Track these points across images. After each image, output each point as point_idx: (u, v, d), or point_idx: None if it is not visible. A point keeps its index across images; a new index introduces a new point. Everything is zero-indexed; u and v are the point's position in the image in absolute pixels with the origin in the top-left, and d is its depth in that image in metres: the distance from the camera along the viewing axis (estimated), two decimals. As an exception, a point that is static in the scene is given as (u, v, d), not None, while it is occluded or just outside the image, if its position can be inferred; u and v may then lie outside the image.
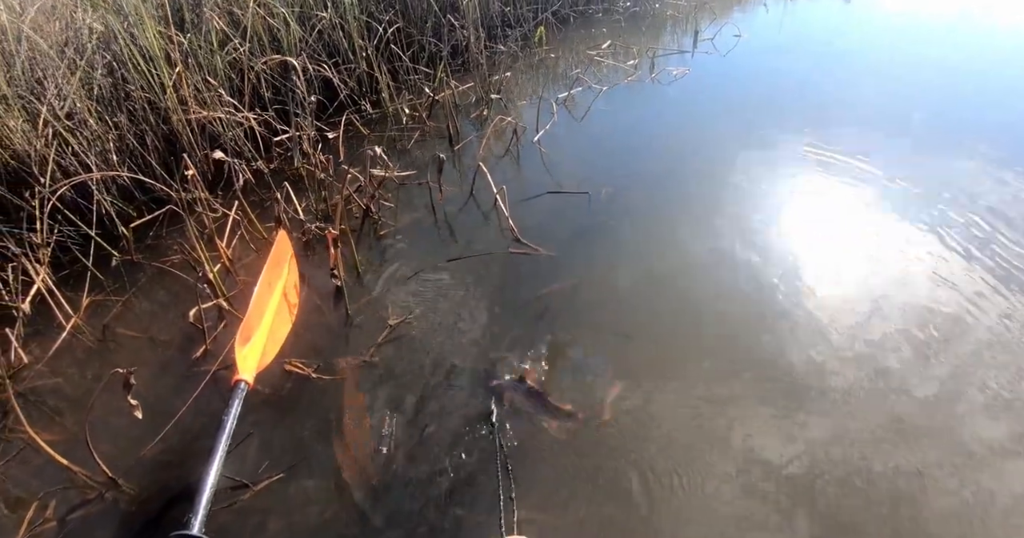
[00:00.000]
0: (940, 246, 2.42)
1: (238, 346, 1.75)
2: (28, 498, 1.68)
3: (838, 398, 1.83)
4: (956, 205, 2.66)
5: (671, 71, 4.36)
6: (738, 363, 1.95)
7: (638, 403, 1.83)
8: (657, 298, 2.26)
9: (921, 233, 2.50)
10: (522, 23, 5.22)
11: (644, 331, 2.10)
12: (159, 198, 2.85)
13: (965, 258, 2.34)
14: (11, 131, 2.62)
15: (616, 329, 2.11)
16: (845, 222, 2.61)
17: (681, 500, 1.59)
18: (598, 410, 1.80)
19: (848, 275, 2.31)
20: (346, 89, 3.76)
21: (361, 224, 2.73)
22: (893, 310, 2.13)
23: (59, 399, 1.99)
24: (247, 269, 2.48)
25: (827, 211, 2.70)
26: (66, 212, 2.56)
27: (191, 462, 1.74)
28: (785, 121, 3.54)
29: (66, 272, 2.46)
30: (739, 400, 1.84)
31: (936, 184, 2.81)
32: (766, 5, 5.92)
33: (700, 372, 1.94)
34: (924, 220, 2.58)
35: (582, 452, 1.71)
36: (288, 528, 1.60)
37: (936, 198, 2.71)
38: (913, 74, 4.21)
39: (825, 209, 2.71)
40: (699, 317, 2.16)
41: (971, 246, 2.41)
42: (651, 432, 1.75)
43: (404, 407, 1.87)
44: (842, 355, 1.97)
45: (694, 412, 1.80)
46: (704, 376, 1.92)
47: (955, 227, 2.52)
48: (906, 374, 1.91)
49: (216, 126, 3.10)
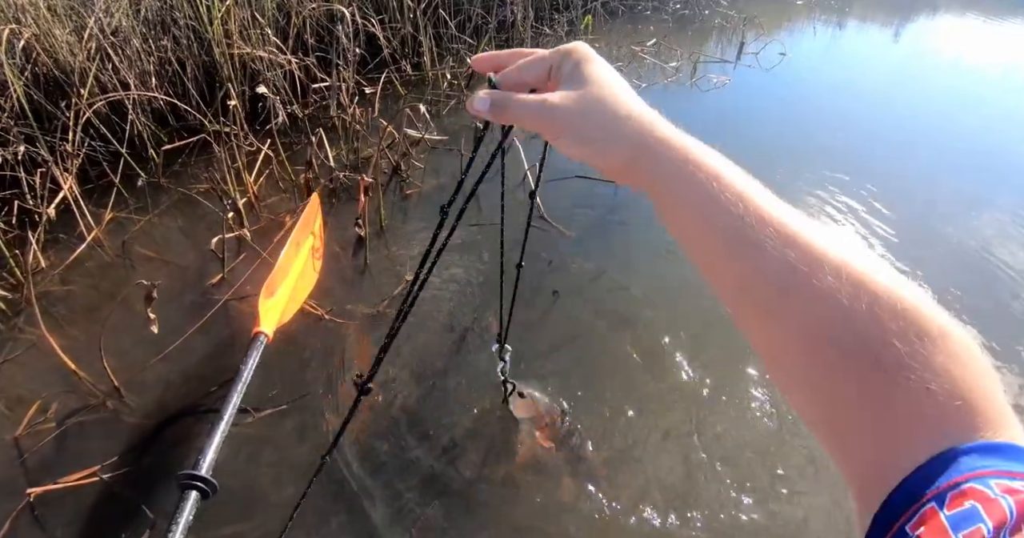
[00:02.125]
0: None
1: (262, 298, 1.75)
2: (30, 398, 1.69)
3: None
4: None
5: (711, 78, 4.35)
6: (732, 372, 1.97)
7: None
8: (663, 302, 2.23)
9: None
10: (571, 8, 5.20)
11: (645, 321, 2.12)
12: (191, 127, 2.85)
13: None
14: (57, 40, 2.61)
15: (620, 318, 2.12)
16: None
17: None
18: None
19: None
20: (389, 47, 3.74)
21: (388, 180, 2.73)
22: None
23: (70, 307, 2.00)
24: (270, 208, 2.49)
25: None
26: (100, 127, 2.57)
27: (194, 384, 1.77)
28: (817, 154, 3.38)
29: (92, 186, 2.47)
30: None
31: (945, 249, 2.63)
32: (815, 29, 5.90)
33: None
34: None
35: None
36: (280, 461, 1.62)
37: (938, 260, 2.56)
38: (956, 123, 4.05)
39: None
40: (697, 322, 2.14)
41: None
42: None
43: (409, 361, 1.88)
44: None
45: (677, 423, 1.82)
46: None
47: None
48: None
49: (257, 65, 3.09)
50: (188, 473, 1.24)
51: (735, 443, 1.71)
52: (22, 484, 1.48)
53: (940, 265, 2.51)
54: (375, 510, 1.50)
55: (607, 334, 2.05)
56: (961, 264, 2.53)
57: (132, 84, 2.70)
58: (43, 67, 2.64)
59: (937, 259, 2.55)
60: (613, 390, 1.84)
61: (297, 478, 1.55)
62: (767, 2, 6.42)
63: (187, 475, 1.24)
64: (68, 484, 1.48)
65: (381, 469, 1.59)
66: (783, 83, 4.51)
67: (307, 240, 2.05)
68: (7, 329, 1.91)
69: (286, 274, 1.87)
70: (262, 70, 3.10)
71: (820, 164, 3.24)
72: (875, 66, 5.30)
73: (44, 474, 1.51)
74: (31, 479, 1.49)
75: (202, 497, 1.24)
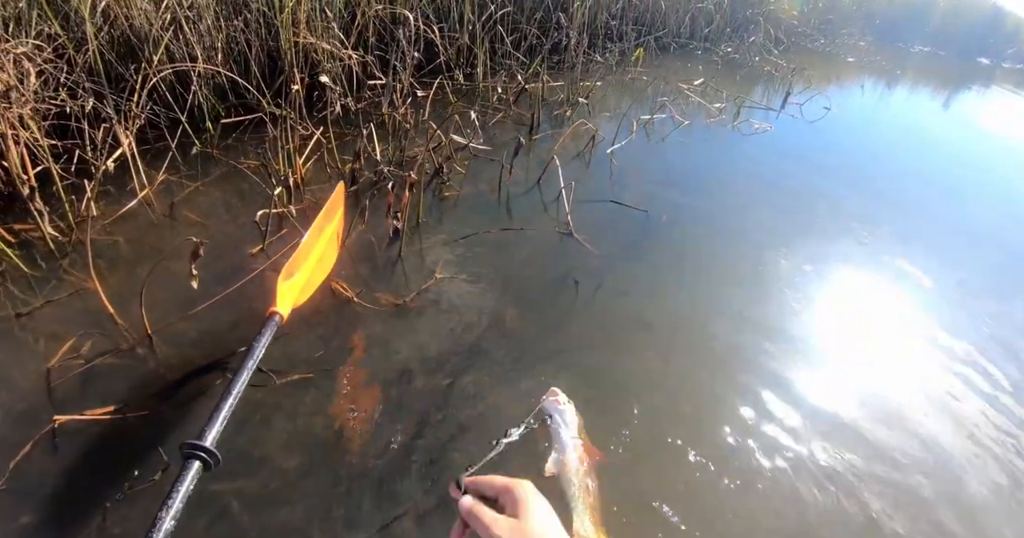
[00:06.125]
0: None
1: (282, 278, 1.79)
2: (66, 334, 1.77)
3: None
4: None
5: (754, 124, 4.42)
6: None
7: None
8: (677, 338, 2.22)
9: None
10: (624, 40, 5.32)
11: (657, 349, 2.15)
12: (249, 105, 2.97)
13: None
14: (136, 7, 2.75)
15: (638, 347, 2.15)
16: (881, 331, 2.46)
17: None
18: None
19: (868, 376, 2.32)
20: (445, 55, 3.87)
21: (430, 181, 2.82)
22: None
23: (113, 257, 2.09)
24: (313, 192, 2.58)
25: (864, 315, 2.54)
26: (165, 93, 2.69)
27: (219, 344, 1.83)
28: (853, 216, 3.34)
29: (148, 148, 2.58)
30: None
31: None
32: (863, 87, 5.96)
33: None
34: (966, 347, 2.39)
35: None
36: (291, 430, 1.67)
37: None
38: (1002, 204, 3.99)
39: (862, 313, 2.55)
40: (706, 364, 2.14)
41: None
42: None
43: (429, 355, 1.93)
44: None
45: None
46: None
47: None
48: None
49: (318, 55, 3.22)
50: (192, 443, 1.24)
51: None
52: (48, 411, 1.55)
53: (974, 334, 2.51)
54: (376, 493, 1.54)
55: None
56: (997, 342, 2.50)
57: (199, 57, 2.83)
58: (119, 30, 2.78)
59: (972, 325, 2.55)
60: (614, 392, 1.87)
61: (305, 447, 1.60)
62: (817, 56, 6.52)
63: (191, 445, 1.24)
64: (92, 417, 1.55)
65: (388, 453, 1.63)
66: (824, 137, 4.56)
67: (329, 227, 2.12)
68: (52, 270, 2.00)
69: (306, 258, 1.92)
70: (323, 61, 3.22)
71: (855, 222, 3.27)
72: (920, 133, 5.32)
73: (70, 405, 1.57)
74: (57, 407, 1.56)
75: (204, 468, 1.25)
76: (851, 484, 1.73)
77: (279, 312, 1.71)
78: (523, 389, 1.84)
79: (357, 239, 2.34)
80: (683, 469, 1.68)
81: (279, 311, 1.71)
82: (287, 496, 1.48)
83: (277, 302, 1.73)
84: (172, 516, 1.13)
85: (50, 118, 2.37)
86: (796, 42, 7.51)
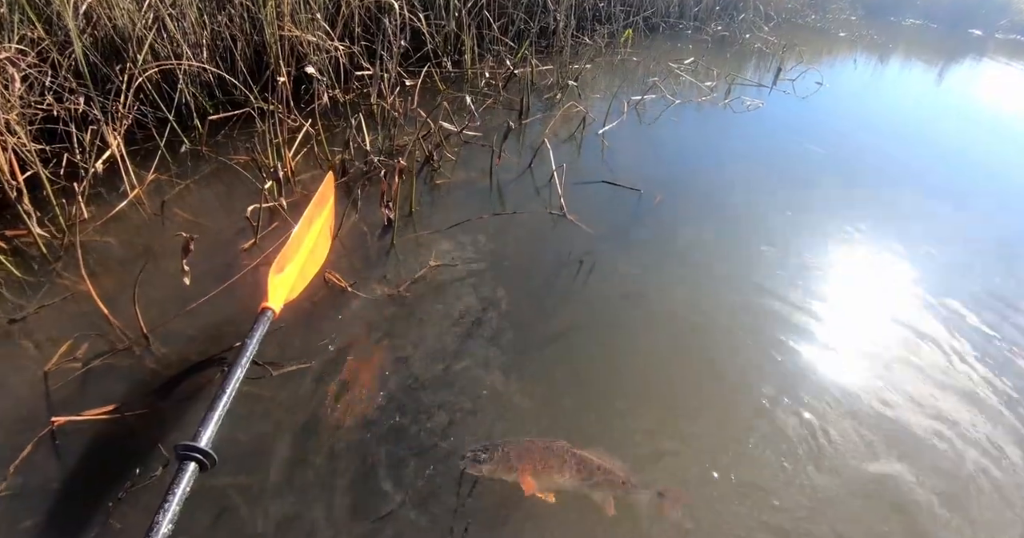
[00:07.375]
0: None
1: (272, 273, 1.79)
2: (62, 337, 1.78)
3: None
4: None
5: (745, 101, 4.40)
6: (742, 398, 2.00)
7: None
8: (671, 322, 2.23)
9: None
10: (612, 21, 5.28)
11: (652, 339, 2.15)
12: (236, 101, 2.95)
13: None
14: (118, 7, 2.73)
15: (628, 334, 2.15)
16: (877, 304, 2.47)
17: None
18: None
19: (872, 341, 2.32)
20: (432, 43, 3.84)
21: (420, 169, 2.81)
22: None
23: (106, 258, 2.09)
24: (303, 184, 2.58)
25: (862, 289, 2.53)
26: (151, 93, 2.67)
27: (215, 341, 1.83)
28: (844, 189, 3.33)
29: (137, 148, 2.57)
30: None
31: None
32: (856, 61, 5.91)
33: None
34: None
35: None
36: (288, 421, 1.67)
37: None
38: (993, 180, 3.89)
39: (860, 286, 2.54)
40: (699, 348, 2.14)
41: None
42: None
43: (423, 343, 1.93)
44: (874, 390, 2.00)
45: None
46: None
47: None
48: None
49: (304, 48, 3.19)
50: (187, 444, 1.24)
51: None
52: (46, 413, 1.55)
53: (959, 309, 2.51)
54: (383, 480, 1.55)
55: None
56: (983, 306, 2.50)
57: (184, 55, 2.82)
58: (103, 31, 2.76)
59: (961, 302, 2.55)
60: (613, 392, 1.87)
61: (304, 438, 1.61)
62: (808, 31, 6.46)
63: (186, 447, 1.24)
64: (90, 417, 1.55)
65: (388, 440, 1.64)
66: (817, 113, 4.53)
67: (319, 218, 2.10)
68: (45, 273, 2.00)
69: (297, 250, 1.91)
70: (309, 54, 3.20)
71: (843, 198, 3.26)
72: (915, 106, 5.28)
73: (68, 407, 1.58)
74: (55, 410, 1.57)
75: (200, 469, 1.25)
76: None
77: (271, 307, 1.70)
78: (521, 374, 1.84)
79: (350, 230, 2.34)
80: (679, 451, 1.69)
81: (271, 306, 1.70)
82: (288, 487, 1.49)
83: (269, 297, 1.73)
84: (169, 520, 1.13)
85: (37, 122, 2.36)
86: (786, 18, 7.45)
